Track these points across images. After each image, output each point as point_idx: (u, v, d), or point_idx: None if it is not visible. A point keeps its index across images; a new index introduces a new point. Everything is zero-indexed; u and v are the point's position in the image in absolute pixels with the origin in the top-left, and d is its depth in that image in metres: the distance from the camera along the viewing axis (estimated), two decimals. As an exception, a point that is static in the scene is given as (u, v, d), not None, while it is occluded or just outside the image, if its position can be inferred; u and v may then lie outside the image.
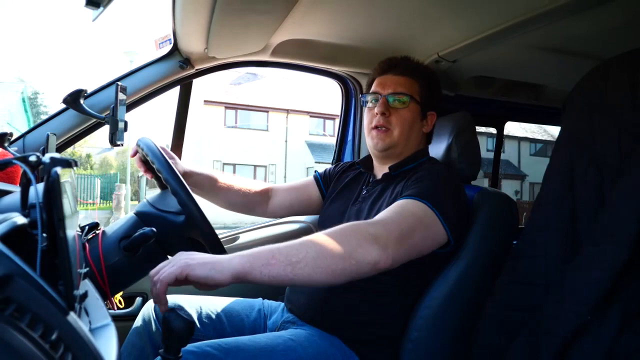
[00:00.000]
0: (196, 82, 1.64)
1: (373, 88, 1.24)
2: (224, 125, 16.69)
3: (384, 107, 1.17)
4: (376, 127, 1.19)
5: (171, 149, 1.60)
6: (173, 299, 1.23)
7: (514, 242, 1.15)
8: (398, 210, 0.98)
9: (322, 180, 1.40)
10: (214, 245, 0.93)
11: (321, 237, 0.84)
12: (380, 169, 1.25)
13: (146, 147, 1.00)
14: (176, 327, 0.68)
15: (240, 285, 1.49)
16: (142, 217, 0.95)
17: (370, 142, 1.22)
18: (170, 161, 0.97)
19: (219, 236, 0.96)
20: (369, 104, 1.23)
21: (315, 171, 1.46)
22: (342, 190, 1.31)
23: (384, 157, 1.23)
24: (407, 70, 1.22)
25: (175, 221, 0.93)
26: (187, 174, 1.27)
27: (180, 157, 1.59)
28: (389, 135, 1.18)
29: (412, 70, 1.22)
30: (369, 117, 1.22)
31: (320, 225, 1.30)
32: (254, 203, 1.39)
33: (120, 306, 1.47)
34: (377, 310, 1.09)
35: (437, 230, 1.00)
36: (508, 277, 1.07)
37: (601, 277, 0.85)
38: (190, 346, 0.99)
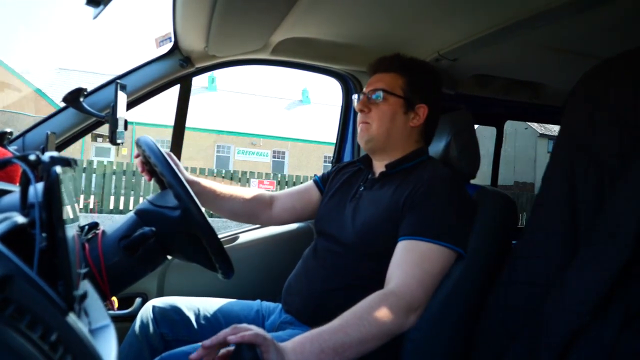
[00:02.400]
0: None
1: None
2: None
3: (362, 104, 1.22)
4: (359, 124, 1.23)
5: (171, 147, 1.60)
6: (171, 301, 1.23)
7: (514, 242, 1.15)
8: (415, 260, 1.01)
9: (321, 182, 1.41)
10: (210, 239, 0.92)
11: (362, 319, 0.88)
12: (378, 167, 1.25)
13: (145, 145, 0.99)
14: None
15: (238, 286, 1.50)
16: (140, 215, 0.94)
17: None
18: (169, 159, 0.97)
19: (220, 236, 0.96)
20: (354, 104, 1.28)
21: (315, 175, 1.47)
22: (340, 186, 1.31)
23: (371, 153, 1.26)
24: (391, 66, 1.24)
25: (172, 216, 0.93)
26: (190, 183, 1.26)
27: (180, 155, 1.59)
28: (368, 129, 1.21)
29: (396, 66, 1.24)
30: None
31: (319, 222, 1.30)
32: (257, 210, 1.39)
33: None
34: None
35: (452, 257, 1.04)
36: (508, 277, 1.07)
37: (601, 277, 0.85)
38: (186, 347, 0.98)
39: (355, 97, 1.28)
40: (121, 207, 8.37)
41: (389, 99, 1.20)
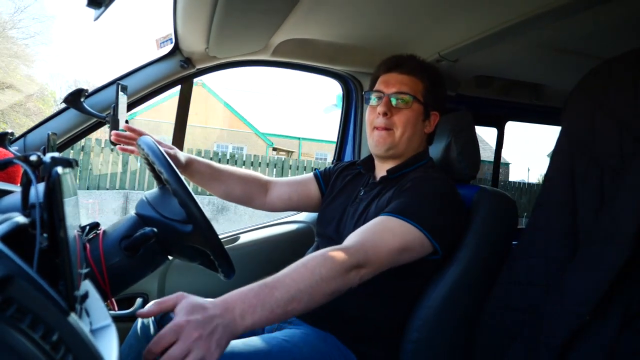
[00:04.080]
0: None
1: (377, 86, 1.22)
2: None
3: (386, 107, 1.16)
4: (378, 128, 1.18)
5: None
6: None
7: (514, 242, 1.15)
8: (377, 228, 0.98)
9: (322, 177, 1.40)
10: (220, 257, 0.92)
11: (314, 273, 0.85)
12: (380, 171, 1.24)
13: (151, 151, 0.97)
14: None
15: (239, 286, 1.48)
16: (144, 221, 0.94)
17: (371, 142, 1.21)
18: (170, 156, 0.95)
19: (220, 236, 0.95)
20: (372, 102, 1.22)
21: (316, 169, 1.45)
22: (341, 190, 1.31)
23: (385, 159, 1.22)
24: (412, 69, 1.20)
25: (182, 230, 0.92)
26: (188, 162, 1.26)
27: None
28: (390, 136, 1.17)
29: (417, 70, 1.20)
30: (372, 116, 1.21)
31: (319, 224, 1.30)
32: (252, 194, 1.38)
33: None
34: (371, 309, 1.09)
35: (420, 243, 1.00)
36: (508, 277, 1.07)
37: (601, 277, 0.85)
38: None
39: (370, 95, 1.22)
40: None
41: (414, 105, 1.17)
